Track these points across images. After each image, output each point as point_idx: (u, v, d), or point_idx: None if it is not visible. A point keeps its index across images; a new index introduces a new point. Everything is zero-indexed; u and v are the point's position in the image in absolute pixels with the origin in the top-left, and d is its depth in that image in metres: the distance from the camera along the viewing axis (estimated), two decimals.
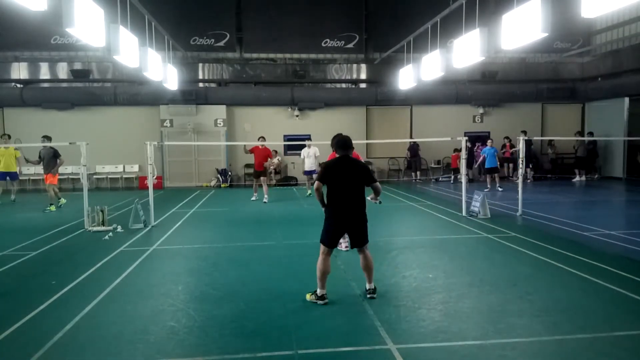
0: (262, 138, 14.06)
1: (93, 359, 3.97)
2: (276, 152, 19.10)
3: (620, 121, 18.90)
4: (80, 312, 4.93)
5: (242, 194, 15.98)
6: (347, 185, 5.12)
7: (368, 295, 5.24)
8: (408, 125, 20.52)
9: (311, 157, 14.80)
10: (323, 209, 5.28)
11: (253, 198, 14.15)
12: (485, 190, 15.12)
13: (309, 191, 14.85)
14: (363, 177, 5.18)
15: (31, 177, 18.65)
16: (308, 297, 5.20)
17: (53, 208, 12.32)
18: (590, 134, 18.97)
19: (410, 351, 3.99)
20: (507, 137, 18.91)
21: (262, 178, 13.78)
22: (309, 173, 14.91)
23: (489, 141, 16.12)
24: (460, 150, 19.32)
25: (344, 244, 7.66)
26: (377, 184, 5.30)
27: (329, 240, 5.17)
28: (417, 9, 18.21)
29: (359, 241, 5.24)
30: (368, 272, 5.30)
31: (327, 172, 5.21)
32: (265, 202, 13.41)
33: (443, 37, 13.77)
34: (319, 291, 5.13)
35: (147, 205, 10.27)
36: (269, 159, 13.87)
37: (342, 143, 5.30)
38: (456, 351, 4.00)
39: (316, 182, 5.23)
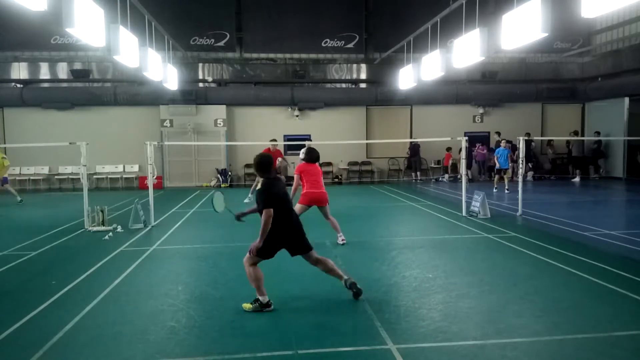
0: (274, 140, 13.90)
1: (93, 359, 3.97)
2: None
3: (620, 121, 18.90)
4: (80, 312, 4.93)
5: (242, 194, 15.93)
6: (287, 203, 5.00)
7: (353, 291, 5.09)
8: (408, 125, 20.52)
9: None
10: (258, 244, 4.80)
11: (246, 200, 14.08)
12: (507, 191, 14.94)
13: None
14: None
15: (31, 177, 18.68)
16: (247, 307, 4.89)
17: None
18: (597, 133, 18.95)
19: (410, 351, 3.99)
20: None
21: None
22: None
23: (503, 142, 16.02)
24: (450, 150, 19.48)
25: (340, 238, 7.91)
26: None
27: (267, 254, 4.93)
28: (417, 9, 18.23)
29: (302, 249, 5.10)
30: (332, 271, 5.18)
31: (272, 196, 4.84)
32: None
33: (443, 37, 13.77)
34: (262, 299, 4.87)
35: (147, 205, 10.28)
36: (281, 159, 13.98)
37: (266, 166, 5.03)
38: (456, 351, 4.00)
39: (267, 211, 4.72)
